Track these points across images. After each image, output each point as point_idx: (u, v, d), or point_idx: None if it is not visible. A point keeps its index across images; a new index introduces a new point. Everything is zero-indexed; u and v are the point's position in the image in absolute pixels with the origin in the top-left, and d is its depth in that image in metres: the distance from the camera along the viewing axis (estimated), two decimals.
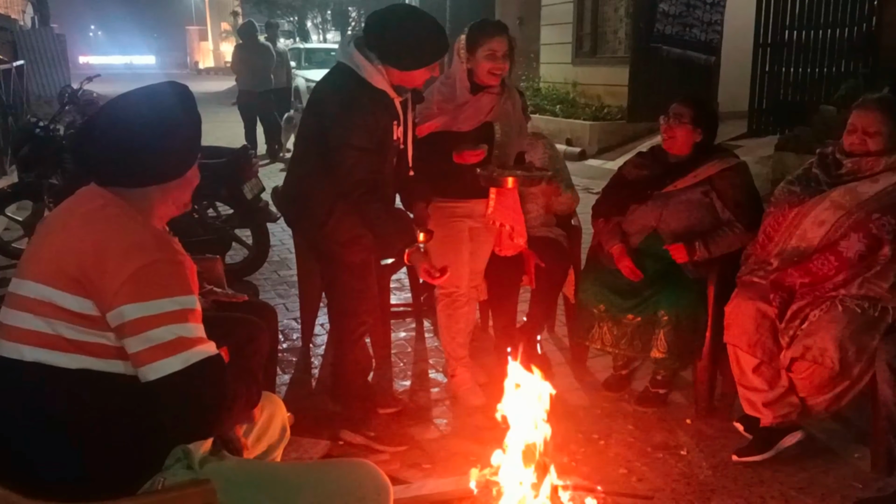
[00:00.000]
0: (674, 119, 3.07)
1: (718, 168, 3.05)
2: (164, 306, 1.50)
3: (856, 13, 7.76)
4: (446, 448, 2.87)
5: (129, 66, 49.93)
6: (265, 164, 9.86)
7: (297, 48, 18.18)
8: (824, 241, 2.66)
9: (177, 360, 1.50)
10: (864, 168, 2.67)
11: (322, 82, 2.68)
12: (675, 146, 3.10)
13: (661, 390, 3.16)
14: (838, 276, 2.62)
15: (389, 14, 2.56)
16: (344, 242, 2.68)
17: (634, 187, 3.18)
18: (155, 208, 1.66)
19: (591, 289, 3.14)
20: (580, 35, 11.99)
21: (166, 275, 1.53)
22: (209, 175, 4.61)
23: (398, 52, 2.49)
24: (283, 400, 3.20)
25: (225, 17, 39.76)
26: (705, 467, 2.73)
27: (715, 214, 3.05)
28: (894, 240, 2.56)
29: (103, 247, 1.52)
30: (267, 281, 5.06)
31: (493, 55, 2.84)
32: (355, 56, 2.50)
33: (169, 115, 1.64)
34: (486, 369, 3.57)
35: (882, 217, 2.58)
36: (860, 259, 2.60)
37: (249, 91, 10.11)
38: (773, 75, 8.72)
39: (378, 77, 2.50)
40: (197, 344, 1.54)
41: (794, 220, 2.74)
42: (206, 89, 25.51)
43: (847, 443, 2.87)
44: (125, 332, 1.50)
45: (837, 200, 2.66)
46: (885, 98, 2.75)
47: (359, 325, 2.80)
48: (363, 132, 2.49)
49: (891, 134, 2.63)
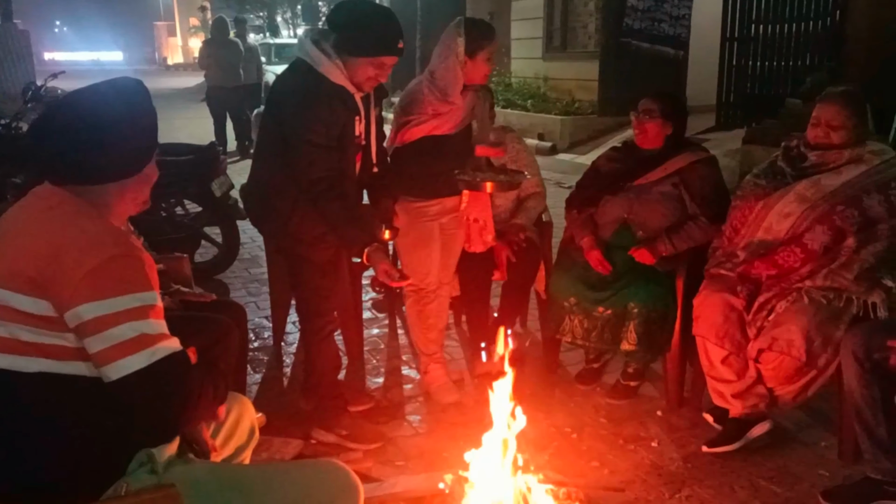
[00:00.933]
0: (644, 114, 3.09)
1: (688, 160, 3.08)
2: (124, 303, 1.47)
3: (820, 7, 7.85)
4: (419, 445, 2.87)
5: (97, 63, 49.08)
6: (235, 160, 9.74)
7: (267, 43, 18.02)
8: (789, 233, 2.69)
9: (140, 358, 1.47)
10: (829, 161, 2.70)
11: (279, 79, 2.65)
12: (646, 140, 3.13)
13: (633, 383, 3.18)
14: (804, 268, 2.65)
15: (343, 7, 2.55)
16: (308, 241, 2.65)
17: (607, 179, 3.21)
18: (112, 206, 1.62)
19: (562, 282, 3.15)
20: (550, 30, 12.03)
21: (124, 271, 1.50)
22: (177, 172, 4.63)
23: (349, 37, 2.45)
24: (255, 399, 3.22)
25: (193, 12, 39.25)
26: (676, 458, 2.75)
27: (684, 207, 3.09)
28: (858, 231, 2.60)
29: (59, 246, 1.49)
30: (238, 279, 5.01)
31: (492, 58, 2.88)
32: (312, 51, 2.47)
33: (123, 111, 1.60)
34: (459, 365, 3.58)
35: (846, 209, 2.61)
36: (825, 251, 2.63)
37: (218, 87, 9.99)
38: (741, 69, 8.81)
39: (336, 72, 2.46)
40: (159, 340, 1.50)
41: (761, 213, 2.77)
42: (175, 85, 25.21)
43: (814, 431, 2.92)
44: (85, 331, 1.47)
45: (802, 193, 2.69)
46: (849, 91, 2.78)
47: (326, 323, 2.78)
48: (320, 128, 2.45)
49: (853, 127, 2.67)
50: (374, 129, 2.69)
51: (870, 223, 2.60)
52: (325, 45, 2.47)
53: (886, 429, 2.37)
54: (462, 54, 2.80)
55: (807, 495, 2.53)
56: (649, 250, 3.01)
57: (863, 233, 2.60)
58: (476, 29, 2.87)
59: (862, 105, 2.72)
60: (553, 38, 12.01)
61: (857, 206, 2.61)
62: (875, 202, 2.60)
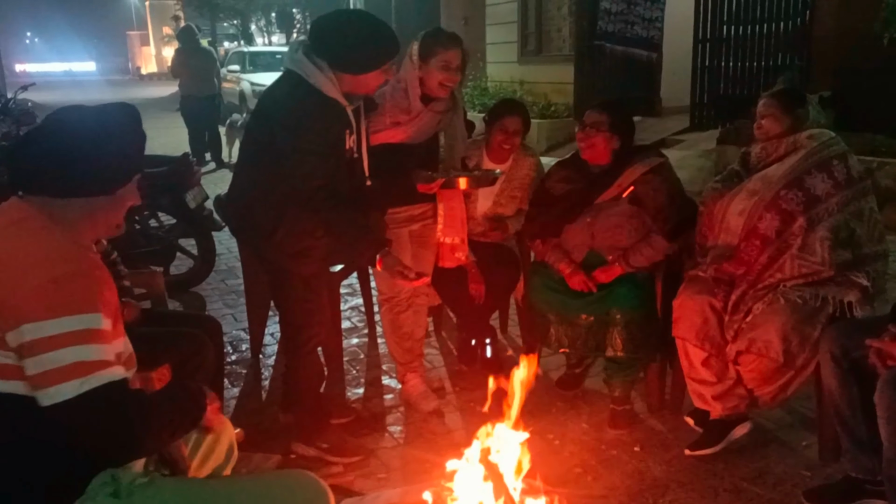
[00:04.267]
0: (591, 128, 3.00)
1: (640, 171, 2.97)
2: (66, 325, 1.43)
3: (790, 8, 7.96)
4: (401, 456, 2.84)
5: (69, 73, 48.58)
6: (210, 171, 9.67)
7: (241, 51, 17.88)
8: (745, 228, 2.72)
9: (70, 387, 1.42)
10: (770, 152, 2.78)
11: (270, 91, 2.60)
12: (594, 155, 3.03)
13: (626, 406, 3.05)
14: (763, 256, 2.68)
15: (333, 19, 2.51)
16: (293, 254, 2.59)
17: (563, 205, 3.10)
18: (80, 224, 1.59)
19: (541, 295, 3.11)
20: (525, 34, 12.08)
21: (73, 290, 1.46)
22: (150, 184, 4.56)
23: (346, 57, 2.42)
24: (233, 414, 3.18)
25: (166, 21, 38.89)
26: (659, 463, 2.75)
27: (646, 222, 3.01)
28: (805, 210, 2.63)
29: (9, 260, 1.47)
30: (214, 291, 4.95)
31: (447, 66, 2.80)
32: (304, 64, 2.43)
33: (106, 128, 1.61)
34: (440, 373, 3.55)
35: (789, 192, 2.66)
36: (777, 235, 2.66)
37: (192, 96, 9.89)
38: (713, 70, 8.90)
39: (329, 85, 2.43)
40: (97, 368, 1.45)
41: (719, 215, 2.82)
42: (149, 95, 24.98)
43: (794, 432, 2.93)
44: (23, 352, 1.43)
45: (751, 188, 2.75)
46: (781, 89, 2.98)
47: (311, 337, 2.73)
48: (315, 137, 2.41)
49: (782, 118, 2.76)
50: (364, 142, 2.66)
51: (816, 200, 2.64)
52: (315, 58, 2.43)
53: (866, 427, 2.38)
54: (416, 60, 2.79)
55: (789, 496, 2.53)
56: (607, 271, 2.97)
57: (811, 210, 2.63)
58: (431, 35, 2.84)
59: (792, 98, 2.82)
60: (528, 42, 12.06)
61: (800, 186, 2.66)
62: (818, 180, 2.65)
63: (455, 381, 3.48)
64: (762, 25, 8.24)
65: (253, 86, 14.63)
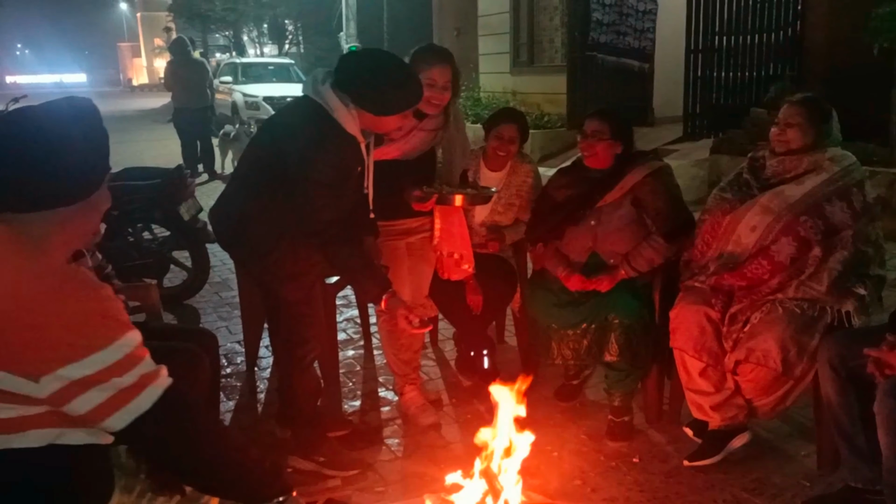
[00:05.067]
0: (592, 137, 3.03)
1: (641, 175, 3.01)
2: (112, 355, 1.40)
3: (781, 18, 8.01)
4: (399, 470, 2.82)
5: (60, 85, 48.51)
6: (203, 182, 9.65)
7: (234, 63, 17.88)
8: (756, 245, 2.70)
9: (146, 396, 1.44)
10: (788, 168, 2.73)
11: (288, 115, 2.57)
12: (596, 161, 3.06)
13: (626, 418, 3.03)
14: (773, 280, 2.66)
15: (368, 57, 2.53)
16: (284, 278, 2.57)
17: (565, 209, 3.11)
18: (54, 238, 1.46)
19: (541, 308, 3.09)
20: (517, 45, 12.14)
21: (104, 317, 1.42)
22: (144, 197, 4.55)
23: (374, 97, 2.42)
24: (229, 427, 3.15)
25: (158, 32, 38.98)
26: (658, 474, 2.73)
27: (647, 227, 3.04)
28: (822, 240, 2.61)
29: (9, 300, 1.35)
30: (208, 303, 4.92)
31: (432, 84, 2.81)
32: (329, 97, 2.41)
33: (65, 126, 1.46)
34: (436, 385, 3.54)
35: (809, 219, 2.63)
36: (791, 262, 2.64)
37: (185, 108, 9.87)
38: (705, 80, 8.93)
39: (350, 121, 2.42)
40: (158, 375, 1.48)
41: (729, 227, 2.78)
42: (141, 106, 24.97)
43: (793, 442, 2.93)
44: (68, 394, 1.37)
45: (766, 205, 2.70)
46: (811, 97, 2.82)
47: (308, 351, 2.71)
48: (332, 171, 2.41)
49: (809, 129, 2.70)
50: (371, 176, 2.65)
51: (833, 231, 2.62)
52: (341, 92, 2.41)
53: (864, 437, 2.38)
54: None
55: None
56: (610, 278, 2.97)
57: (827, 241, 2.61)
58: (419, 52, 2.85)
59: (820, 110, 2.74)
60: (520, 53, 12.11)
61: (820, 215, 2.63)
62: (837, 209, 2.63)
63: (452, 392, 3.46)
64: (753, 36, 8.29)
65: (245, 97, 14.66)
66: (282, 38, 25.89)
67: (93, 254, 2.72)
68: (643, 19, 9.58)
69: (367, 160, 2.58)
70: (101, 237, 2.98)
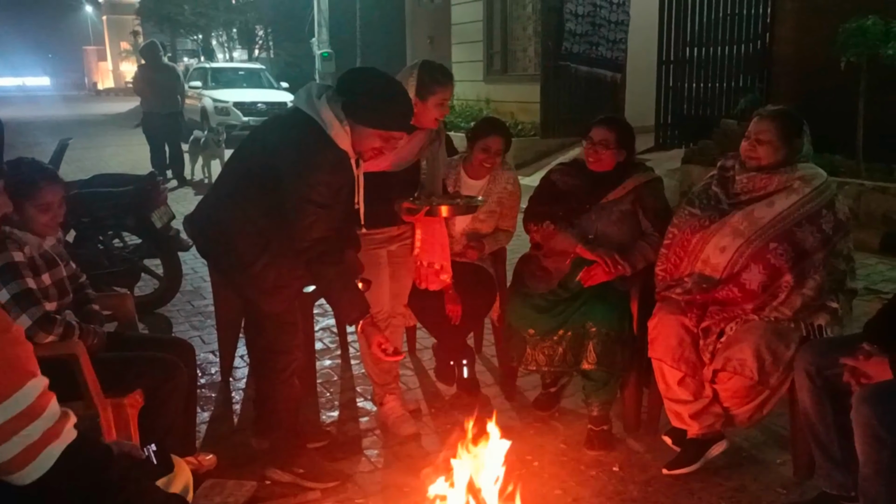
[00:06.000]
0: (600, 144, 3.10)
1: (642, 181, 3.14)
2: (23, 401, 1.32)
3: (751, 31, 8.16)
4: (379, 481, 2.79)
5: (22, 88, 47.58)
6: (172, 188, 9.51)
7: (204, 68, 17.65)
8: (727, 270, 2.71)
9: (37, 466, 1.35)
10: (758, 186, 2.74)
11: (280, 129, 2.54)
12: (600, 166, 3.15)
13: (605, 426, 3.03)
14: (746, 305, 2.69)
15: (369, 74, 2.54)
16: (266, 290, 2.54)
17: (569, 199, 3.18)
18: None
19: (519, 312, 3.11)
20: (491, 53, 12.19)
21: (10, 358, 1.33)
22: (115, 204, 4.47)
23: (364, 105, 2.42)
24: (204, 439, 3.11)
25: (124, 36, 38.41)
26: (637, 483, 2.75)
27: (639, 225, 3.14)
28: (793, 266, 2.63)
29: None
30: (180, 312, 4.84)
31: (444, 103, 2.89)
32: (325, 113, 2.39)
33: None
34: (415, 394, 3.52)
35: (779, 246, 2.64)
36: (763, 289, 2.67)
37: (155, 113, 9.74)
38: (677, 91, 9.07)
39: (343, 137, 2.40)
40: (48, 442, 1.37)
41: (698, 245, 2.79)
42: (107, 111, 24.57)
43: (769, 449, 2.97)
44: None
45: (736, 227, 2.71)
46: (782, 110, 2.81)
47: (290, 361, 2.68)
48: (325, 190, 2.39)
49: (779, 147, 2.71)
50: (361, 191, 2.64)
51: (804, 255, 2.64)
52: (335, 107, 2.40)
53: (839, 444, 2.42)
54: (413, 97, 2.77)
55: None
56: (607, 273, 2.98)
57: (798, 267, 2.63)
58: (428, 73, 2.87)
59: (792, 126, 2.74)
60: (494, 62, 12.17)
61: (790, 240, 2.64)
62: (808, 234, 2.64)
63: (431, 402, 3.45)
64: (724, 48, 8.44)
65: (215, 102, 14.47)
66: (251, 42, 25.70)
67: (67, 263, 2.66)
68: (616, 30, 9.69)
69: (357, 174, 2.57)
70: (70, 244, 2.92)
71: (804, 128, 2.77)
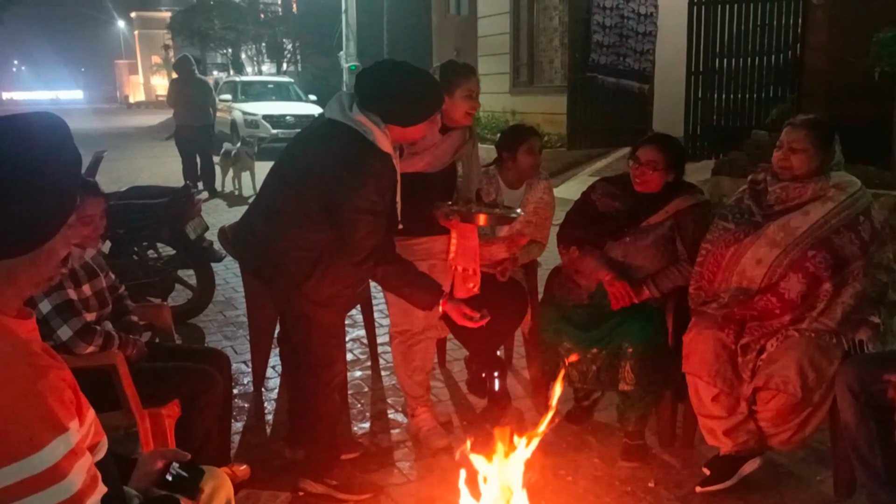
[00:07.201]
0: (647, 166, 2.99)
1: (687, 204, 3.02)
2: (42, 462, 1.12)
3: (781, 41, 8.11)
4: (412, 494, 2.78)
5: (56, 102, 48.57)
6: (204, 200, 9.62)
7: (234, 81, 17.91)
8: (765, 280, 2.67)
9: None
10: (793, 196, 2.69)
11: (321, 142, 2.53)
12: (647, 188, 3.03)
13: (640, 441, 3.00)
14: (784, 316, 2.64)
15: (385, 72, 2.53)
16: (320, 302, 2.56)
17: (607, 222, 3.10)
18: (7, 292, 1.20)
19: (552, 326, 3.07)
20: (517, 65, 12.24)
21: (41, 409, 1.13)
22: (150, 216, 4.53)
23: (401, 111, 2.45)
24: (237, 449, 3.12)
25: (156, 50, 39.05)
26: (672, 499, 2.71)
27: (675, 250, 3.03)
28: (833, 275, 2.58)
29: None
30: (212, 323, 4.89)
31: (471, 94, 2.92)
32: (361, 120, 2.41)
33: (32, 155, 1.16)
34: (446, 407, 3.51)
35: (817, 254, 2.60)
36: (802, 299, 2.62)
37: (187, 126, 9.87)
38: (706, 102, 9.01)
39: (384, 140, 2.43)
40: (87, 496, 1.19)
41: (733, 260, 2.74)
42: (138, 124, 24.99)
43: (809, 466, 2.90)
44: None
45: (772, 238, 2.67)
46: (815, 119, 2.77)
47: (336, 374, 2.69)
48: (376, 197, 2.42)
49: (814, 154, 2.66)
50: (399, 188, 2.65)
51: (843, 263, 2.59)
52: (369, 113, 2.42)
53: (883, 462, 2.36)
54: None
55: None
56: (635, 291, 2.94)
57: (838, 275, 2.59)
58: (450, 70, 2.92)
59: (825, 134, 2.70)
60: (520, 73, 12.21)
61: (829, 248, 2.59)
62: (846, 241, 2.60)
63: (462, 414, 3.44)
64: (754, 58, 8.39)
65: (245, 115, 14.66)
66: (280, 56, 25.98)
67: (106, 274, 2.70)
68: (643, 41, 9.67)
69: (397, 172, 2.59)
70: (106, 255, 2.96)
71: (835, 136, 2.73)
